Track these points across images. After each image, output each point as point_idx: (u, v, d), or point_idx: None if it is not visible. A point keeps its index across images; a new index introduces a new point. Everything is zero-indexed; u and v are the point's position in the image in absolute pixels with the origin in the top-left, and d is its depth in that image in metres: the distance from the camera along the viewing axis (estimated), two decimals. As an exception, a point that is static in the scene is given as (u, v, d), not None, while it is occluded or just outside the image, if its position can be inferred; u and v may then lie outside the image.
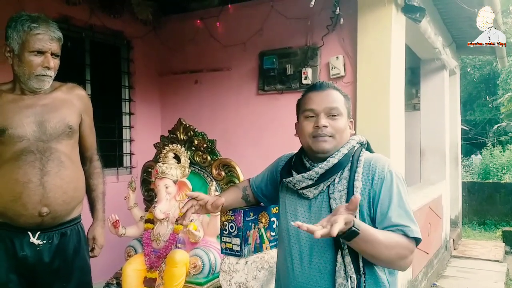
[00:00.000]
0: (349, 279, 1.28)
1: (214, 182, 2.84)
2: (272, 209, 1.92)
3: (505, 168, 10.48)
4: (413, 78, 6.07)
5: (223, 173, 2.86)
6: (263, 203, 1.80)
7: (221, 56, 4.23)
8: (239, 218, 1.79)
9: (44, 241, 1.79)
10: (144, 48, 4.42)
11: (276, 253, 1.61)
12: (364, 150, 1.44)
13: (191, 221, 2.61)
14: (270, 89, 3.99)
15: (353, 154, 1.40)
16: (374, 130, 3.22)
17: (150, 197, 3.15)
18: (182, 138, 3.02)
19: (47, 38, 1.74)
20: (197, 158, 2.97)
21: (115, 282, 2.89)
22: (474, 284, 4.76)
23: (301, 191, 1.42)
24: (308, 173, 1.39)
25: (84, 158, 2.03)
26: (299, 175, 1.41)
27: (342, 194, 1.35)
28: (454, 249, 6.11)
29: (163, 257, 2.67)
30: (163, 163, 2.80)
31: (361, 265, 1.30)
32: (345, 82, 3.59)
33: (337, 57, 3.62)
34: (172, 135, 3.07)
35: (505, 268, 5.36)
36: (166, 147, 2.94)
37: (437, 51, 4.80)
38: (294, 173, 1.44)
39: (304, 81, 3.76)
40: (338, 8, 3.51)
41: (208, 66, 4.34)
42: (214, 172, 2.89)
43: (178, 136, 3.04)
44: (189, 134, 3.00)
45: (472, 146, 14.75)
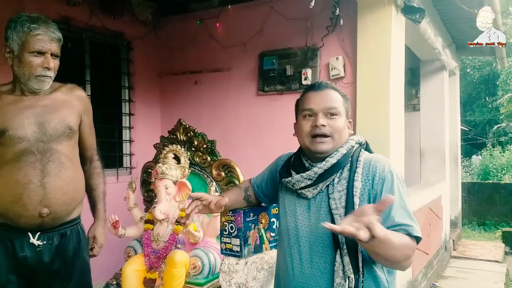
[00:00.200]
0: (347, 279, 1.28)
1: (214, 183, 2.84)
2: (272, 209, 1.92)
3: (505, 168, 10.49)
4: (413, 78, 6.07)
5: (223, 174, 2.86)
6: (264, 203, 1.80)
7: (221, 57, 4.24)
8: (239, 218, 1.79)
9: (44, 242, 1.79)
10: (144, 49, 4.42)
11: (276, 253, 1.61)
12: (363, 150, 1.44)
13: (191, 221, 2.61)
14: (270, 89, 3.99)
15: (352, 154, 1.40)
16: (374, 131, 3.22)
17: (150, 198, 3.15)
18: (182, 139, 3.02)
19: (47, 39, 1.73)
20: (197, 159, 2.97)
21: (114, 282, 2.89)
22: (473, 284, 4.75)
23: (300, 191, 1.42)
24: (307, 173, 1.39)
25: (84, 159, 2.03)
26: (298, 175, 1.41)
27: (341, 194, 1.35)
28: (454, 249, 6.10)
29: (163, 258, 2.67)
30: (163, 164, 2.80)
31: (360, 265, 1.30)
32: (345, 82, 3.59)
33: (337, 57, 3.62)
34: (172, 136, 3.07)
35: (504, 268, 5.36)
36: (166, 148, 2.94)
37: (436, 52, 4.81)
38: (293, 173, 1.44)
39: (304, 82, 3.76)
40: (338, 9, 3.51)
41: (208, 67, 4.35)
42: (214, 172, 2.89)
43: (178, 136, 3.04)
44: (189, 134, 3.01)
45: (472, 146, 14.74)
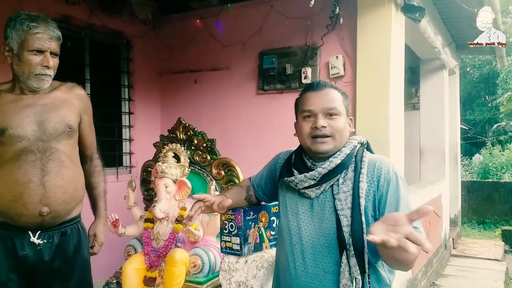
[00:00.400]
0: (354, 280, 1.28)
1: (214, 182, 2.85)
2: (272, 208, 1.92)
3: (505, 167, 10.49)
4: (413, 77, 6.06)
5: (222, 173, 2.87)
6: (264, 201, 1.80)
7: (220, 56, 4.23)
8: (239, 217, 1.79)
9: (45, 241, 1.79)
10: (143, 48, 4.41)
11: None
12: (366, 151, 1.44)
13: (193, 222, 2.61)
14: (270, 88, 3.99)
15: (355, 154, 1.40)
16: (374, 130, 3.22)
17: (149, 196, 3.15)
18: (181, 138, 3.02)
19: (46, 37, 1.73)
20: (197, 158, 2.97)
21: (115, 281, 2.89)
22: (473, 283, 4.76)
23: (303, 191, 1.42)
24: (310, 173, 1.38)
25: (84, 157, 2.03)
26: (302, 175, 1.40)
27: (347, 195, 1.35)
28: (454, 248, 6.11)
29: (163, 256, 2.67)
30: (162, 163, 2.80)
31: (366, 266, 1.30)
32: (345, 81, 3.59)
33: (337, 56, 3.62)
34: (171, 135, 3.07)
35: (504, 267, 5.37)
36: (165, 147, 2.94)
37: (436, 51, 4.80)
38: (295, 172, 1.44)
39: (303, 81, 3.75)
40: (337, 7, 3.51)
41: (208, 66, 4.34)
42: (214, 171, 2.89)
43: (178, 135, 3.04)
44: (188, 133, 3.01)
45: (471, 145, 14.74)
